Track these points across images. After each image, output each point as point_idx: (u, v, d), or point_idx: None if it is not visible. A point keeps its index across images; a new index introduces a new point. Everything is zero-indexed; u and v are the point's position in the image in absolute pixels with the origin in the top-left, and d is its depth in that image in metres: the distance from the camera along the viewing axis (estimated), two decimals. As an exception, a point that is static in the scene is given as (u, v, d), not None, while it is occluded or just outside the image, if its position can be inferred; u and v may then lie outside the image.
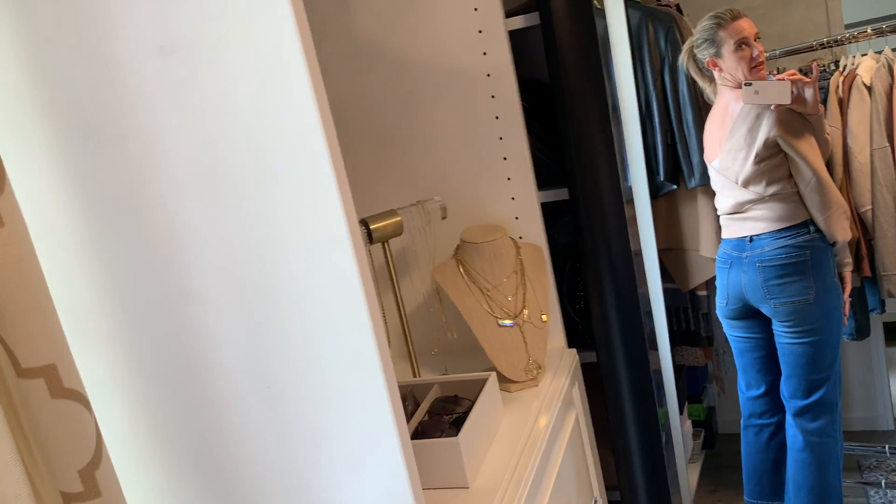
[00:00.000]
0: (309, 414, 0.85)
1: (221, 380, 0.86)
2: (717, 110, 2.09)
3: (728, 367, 2.77)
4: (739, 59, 1.96)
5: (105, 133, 0.81)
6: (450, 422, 1.18)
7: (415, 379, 1.38)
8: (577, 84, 1.55)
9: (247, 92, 0.77)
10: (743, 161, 1.97)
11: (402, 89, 1.59)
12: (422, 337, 1.66)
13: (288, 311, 0.83)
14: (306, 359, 0.84)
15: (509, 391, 1.39)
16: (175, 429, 0.90)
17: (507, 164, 1.56)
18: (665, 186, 2.33)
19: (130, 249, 0.84)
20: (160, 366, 0.88)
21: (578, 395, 1.53)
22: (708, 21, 2.01)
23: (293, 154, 0.77)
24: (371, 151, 1.66)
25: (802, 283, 1.96)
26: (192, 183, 0.81)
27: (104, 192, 0.83)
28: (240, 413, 0.87)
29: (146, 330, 0.87)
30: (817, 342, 2.00)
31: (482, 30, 1.51)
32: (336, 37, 1.61)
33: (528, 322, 1.42)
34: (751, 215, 2.02)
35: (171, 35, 0.77)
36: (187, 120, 0.79)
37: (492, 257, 1.43)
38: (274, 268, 0.81)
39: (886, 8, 2.50)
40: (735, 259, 2.06)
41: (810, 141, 1.94)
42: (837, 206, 1.94)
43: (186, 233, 0.82)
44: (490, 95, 1.53)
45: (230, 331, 0.84)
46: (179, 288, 0.84)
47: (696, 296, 2.53)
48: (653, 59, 2.26)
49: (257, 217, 0.80)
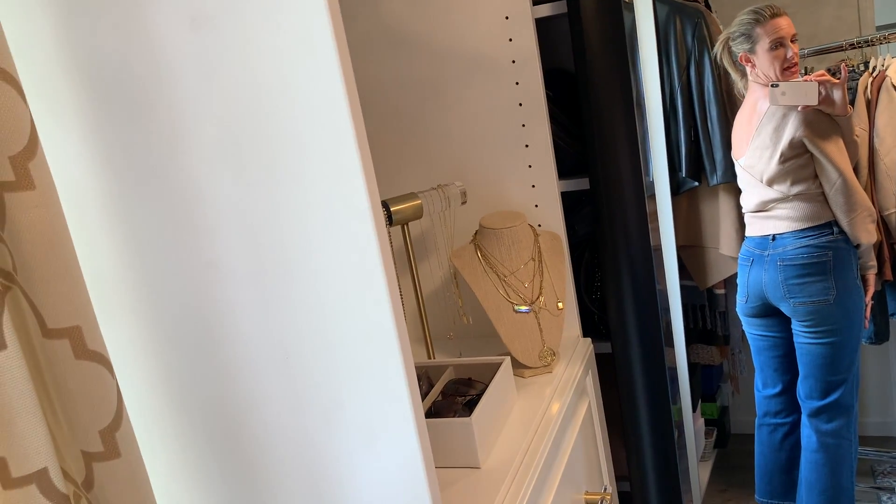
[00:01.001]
0: (326, 386, 0.86)
1: (240, 349, 0.88)
2: (746, 107, 2.07)
3: (743, 367, 2.76)
4: (773, 59, 1.94)
5: (135, 102, 0.83)
6: (463, 403, 1.19)
7: (430, 360, 1.39)
8: (602, 75, 1.55)
9: (274, 66, 0.78)
10: (768, 160, 1.96)
11: (427, 73, 1.60)
12: (438, 321, 1.67)
13: (307, 283, 0.84)
14: (325, 332, 0.85)
15: (523, 376, 1.40)
16: (193, 396, 0.91)
17: (529, 152, 1.56)
18: (687, 183, 2.32)
19: (155, 217, 0.86)
20: (180, 333, 0.89)
21: (592, 384, 1.53)
22: (747, 15, 1.99)
23: (319, 128, 0.78)
24: (394, 134, 1.66)
25: (823, 284, 1.94)
26: (217, 153, 0.82)
27: (132, 160, 0.84)
28: (257, 382, 0.88)
29: (168, 298, 0.88)
30: (836, 343, 1.98)
31: (509, 16, 1.51)
32: (363, 19, 1.62)
33: (544, 309, 1.42)
34: (775, 214, 2.01)
35: (203, 7, 0.78)
36: (215, 91, 0.81)
37: (510, 243, 1.43)
38: (295, 241, 0.82)
39: (920, 9, 2.47)
40: (757, 257, 2.05)
41: (837, 142, 1.92)
42: (863, 209, 1.92)
43: (210, 202, 0.84)
44: (514, 82, 1.53)
45: (250, 301, 0.86)
46: (202, 257, 0.86)
47: (714, 294, 2.52)
48: (679, 55, 2.25)
49: (280, 190, 0.81)
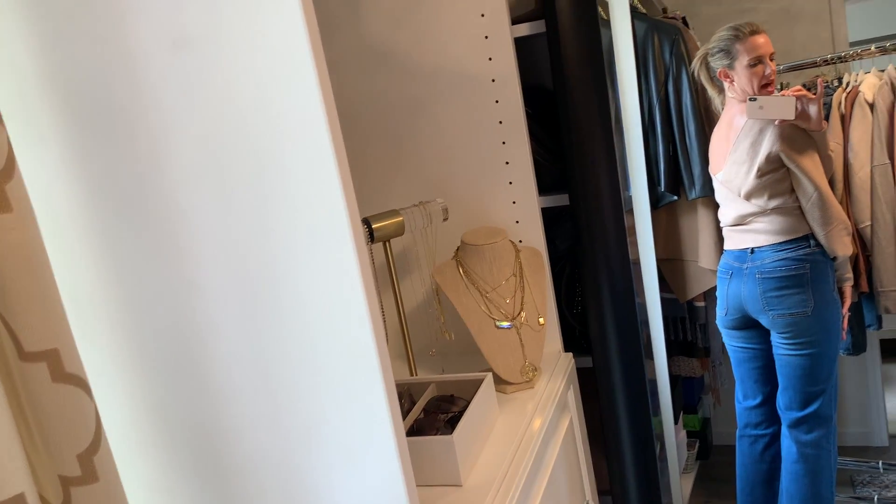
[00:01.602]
0: (306, 406, 0.86)
1: (221, 370, 0.87)
2: (723, 122, 2.10)
3: (724, 379, 2.78)
4: (752, 75, 1.97)
5: (115, 123, 0.83)
6: (445, 420, 1.19)
7: (412, 378, 1.39)
8: (580, 92, 1.56)
9: (255, 87, 0.78)
10: (745, 174, 1.99)
11: (407, 91, 1.61)
12: (420, 337, 1.67)
13: (288, 304, 0.84)
14: (305, 352, 0.85)
15: (505, 392, 1.40)
16: (174, 418, 0.91)
17: (510, 169, 1.57)
18: (666, 197, 2.34)
19: (135, 238, 0.86)
20: (160, 355, 0.89)
21: (573, 398, 1.54)
22: (726, 32, 2.02)
23: (298, 150, 0.79)
24: (376, 152, 1.67)
25: (801, 296, 1.97)
26: (198, 175, 0.82)
27: (111, 181, 0.84)
28: (238, 403, 0.88)
29: (148, 319, 0.88)
30: (814, 354, 2.01)
31: (488, 35, 1.52)
32: (344, 38, 1.63)
33: (525, 324, 1.43)
34: (752, 227, 2.03)
35: (183, 29, 0.78)
36: (196, 113, 0.81)
37: (491, 260, 1.44)
38: (275, 261, 0.83)
39: (890, 27, 2.52)
40: (736, 270, 2.07)
41: (813, 156, 1.95)
42: (838, 222, 1.95)
43: (191, 223, 0.84)
44: (494, 100, 1.55)
45: (231, 322, 0.86)
46: (182, 278, 0.85)
47: (694, 307, 2.54)
48: (657, 71, 2.28)
49: (261, 210, 0.82)
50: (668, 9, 2.70)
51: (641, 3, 2.41)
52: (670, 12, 2.61)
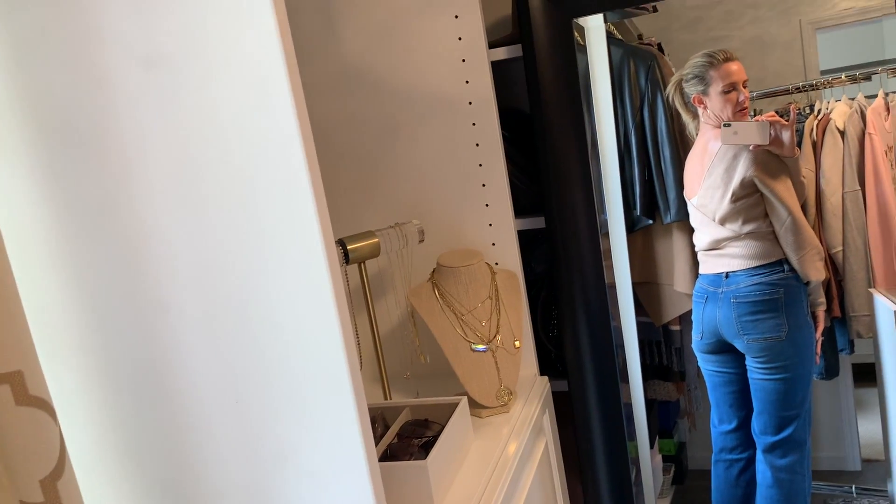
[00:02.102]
0: (277, 430, 0.84)
1: (190, 392, 0.86)
2: (697, 147, 2.13)
3: (700, 403, 2.78)
4: (726, 101, 2.00)
5: (85, 141, 0.81)
6: (419, 445, 1.17)
7: (386, 402, 1.37)
8: (557, 116, 1.57)
9: (228, 106, 0.78)
10: (720, 199, 2.01)
11: (385, 113, 1.61)
12: (395, 360, 1.66)
13: (260, 326, 0.83)
14: (276, 375, 0.83)
15: (480, 416, 1.39)
16: (142, 441, 0.89)
17: (486, 191, 1.57)
18: (641, 221, 2.35)
19: (104, 258, 0.84)
20: (129, 377, 0.87)
21: (549, 423, 1.53)
22: (701, 58, 2.05)
23: (272, 170, 0.78)
24: (352, 173, 1.67)
25: (775, 321, 1.99)
26: (169, 194, 0.81)
27: (80, 200, 0.83)
28: (207, 427, 0.86)
29: (116, 340, 0.86)
30: (789, 379, 2.02)
31: (465, 59, 1.53)
32: (321, 58, 1.63)
33: (501, 348, 1.43)
34: (727, 252, 2.05)
35: (156, 47, 0.78)
36: (168, 132, 0.80)
37: (467, 282, 1.43)
38: (248, 283, 0.81)
39: (860, 56, 2.57)
40: (711, 294, 2.08)
41: (786, 182, 1.98)
42: (811, 247, 1.98)
43: (161, 243, 0.82)
44: (471, 123, 1.55)
45: (201, 343, 0.84)
46: (152, 298, 0.84)
47: (670, 330, 2.54)
48: (633, 96, 2.30)
49: (233, 231, 0.81)
50: (643, 35, 2.73)
51: (617, 28, 2.44)
52: (646, 38, 2.64)
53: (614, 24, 2.36)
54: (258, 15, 0.74)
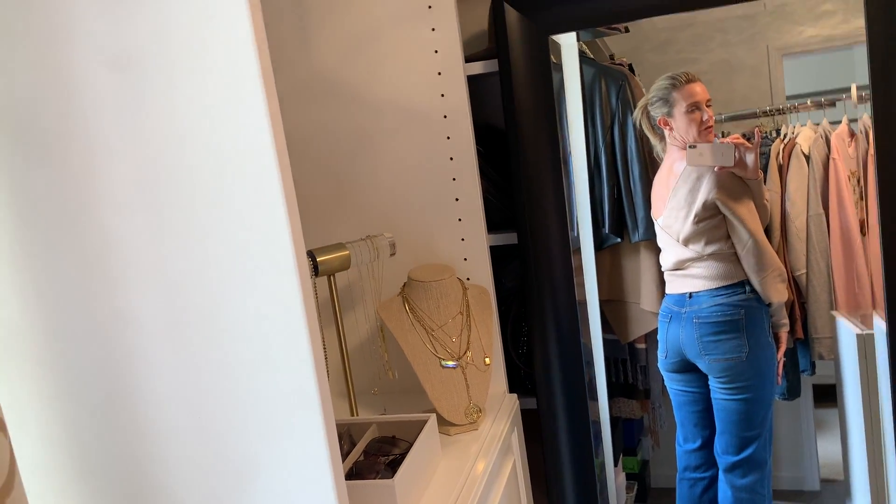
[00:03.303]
0: (240, 447, 0.82)
1: (151, 406, 0.83)
2: (664, 168, 2.15)
3: (664, 422, 2.79)
4: (690, 122, 2.03)
5: (47, 143, 0.78)
6: (386, 463, 1.15)
7: (352, 418, 1.35)
8: (531, 132, 1.57)
9: (200, 112, 0.75)
10: (684, 220, 2.03)
11: (359, 124, 1.59)
12: (362, 375, 1.63)
13: (225, 339, 0.80)
14: (241, 390, 0.81)
15: (448, 434, 1.37)
16: (98, 457, 0.85)
17: (459, 206, 1.56)
18: (610, 239, 2.37)
19: (64, 267, 0.81)
20: (87, 390, 0.84)
21: (517, 441, 1.52)
22: (664, 81, 2.08)
23: (243, 178, 0.76)
24: (324, 184, 1.64)
25: (736, 341, 2.01)
26: (134, 201, 0.78)
27: (40, 205, 0.80)
28: (168, 442, 0.83)
29: (75, 352, 0.83)
30: (750, 399, 2.04)
31: (441, 72, 1.52)
32: (296, 67, 1.61)
33: (471, 364, 1.41)
34: (690, 272, 2.07)
35: (125, 49, 0.75)
36: (135, 137, 0.77)
37: (438, 297, 1.42)
38: (214, 294, 0.79)
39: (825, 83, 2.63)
40: (675, 314, 2.10)
41: (748, 205, 2.02)
42: (773, 269, 2.01)
43: (125, 252, 0.79)
44: (446, 136, 1.54)
45: (163, 357, 0.81)
46: (113, 310, 0.81)
47: (635, 348, 2.55)
48: (604, 115, 2.32)
49: (200, 241, 0.78)
50: (615, 55, 2.76)
51: (589, 48, 2.46)
52: (617, 59, 2.67)
53: (587, 44, 2.38)
54: (233, 20, 0.72)
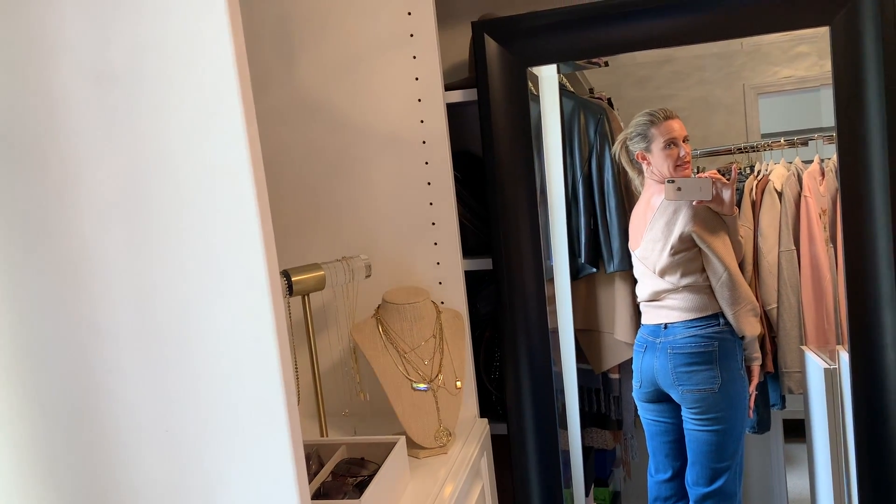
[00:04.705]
0: (206, 464, 0.82)
1: (119, 419, 0.82)
2: (642, 201, 2.18)
3: (636, 453, 2.79)
4: (667, 157, 2.06)
5: (26, 153, 0.79)
6: (354, 484, 1.15)
7: (322, 438, 1.34)
8: (508, 160, 1.60)
9: (179, 129, 0.76)
10: (660, 252, 2.06)
11: (339, 146, 1.61)
12: (334, 396, 1.63)
13: (196, 354, 0.80)
14: (210, 405, 0.81)
15: (418, 457, 1.37)
16: (65, 466, 0.85)
17: (436, 230, 1.57)
18: (585, 269, 2.38)
19: (38, 275, 0.81)
20: (56, 398, 0.83)
21: (486, 466, 1.52)
22: (642, 117, 2.12)
23: (220, 195, 0.77)
24: (301, 204, 1.65)
25: (709, 373, 2.03)
26: (112, 213, 0.79)
27: (16, 214, 0.80)
28: (135, 455, 0.83)
29: (46, 359, 0.83)
30: (721, 431, 2.06)
31: (421, 98, 1.55)
32: (278, 87, 1.62)
33: (442, 388, 1.41)
34: (666, 304, 2.10)
35: (109, 63, 0.76)
36: (115, 150, 0.78)
37: (412, 320, 1.42)
38: (187, 309, 0.79)
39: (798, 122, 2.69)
40: (650, 344, 2.12)
41: (724, 239, 2.05)
42: (746, 303, 2.04)
43: (100, 264, 0.80)
44: (424, 161, 1.56)
45: (133, 369, 0.81)
46: (85, 320, 0.81)
47: (609, 378, 2.56)
48: (581, 147, 2.35)
49: (176, 255, 0.79)
50: (594, 89, 2.80)
51: (570, 81, 2.50)
52: (596, 93, 2.71)
53: (567, 77, 2.42)
54: (216, 39, 0.73)
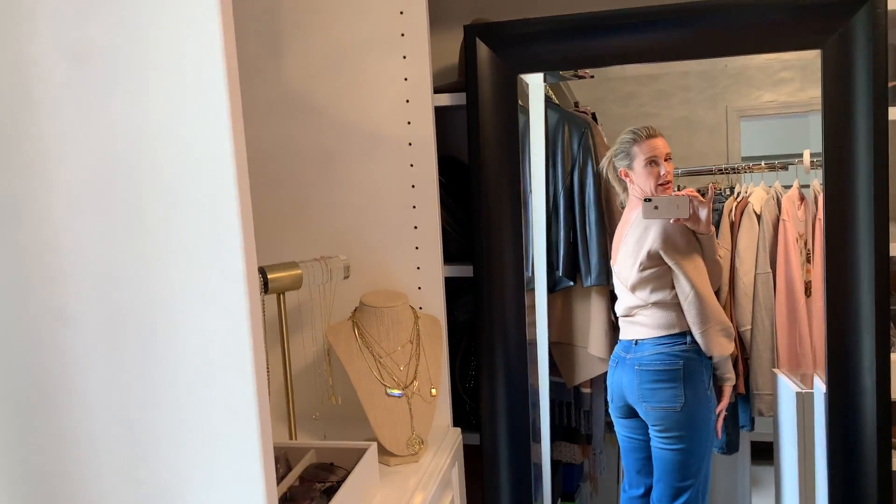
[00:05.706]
0: (171, 462, 0.78)
1: (81, 413, 0.79)
2: (623, 217, 2.18)
3: (604, 468, 2.79)
4: (648, 175, 2.07)
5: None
6: (321, 490, 1.12)
7: (291, 441, 1.31)
8: (493, 167, 1.58)
9: (160, 113, 0.73)
10: (631, 267, 2.06)
11: (322, 144, 1.58)
12: (304, 398, 1.59)
13: (166, 348, 0.77)
14: (177, 403, 0.78)
15: (388, 465, 1.35)
16: (19, 463, 0.81)
17: (418, 234, 1.55)
18: (562, 282, 2.38)
19: (3, 259, 0.77)
20: (14, 391, 0.80)
21: (457, 476, 1.49)
22: (627, 135, 2.14)
23: (199, 184, 0.74)
24: (280, 201, 1.62)
25: (673, 391, 2.03)
26: (85, 197, 0.75)
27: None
28: (95, 452, 0.79)
29: (5, 347, 0.79)
30: (684, 450, 2.06)
31: (410, 100, 1.53)
32: (265, 82, 1.59)
33: (416, 394, 1.39)
34: (637, 320, 2.10)
35: (89, 42, 0.73)
36: (91, 133, 0.75)
37: (389, 324, 1.40)
38: (157, 298, 0.76)
39: (779, 147, 2.72)
40: (621, 359, 2.11)
41: (693, 257, 2.06)
42: (714, 322, 2.05)
43: (69, 249, 0.76)
44: (409, 164, 1.54)
45: (99, 361, 0.78)
46: (51, 307, 0.77)
47: (581, 393, 2.55)
48: (564, 160, 2.35)
49: (150, 244, 0.76)
50: (579, 103, 2.81)
51: (555, 94, 2.50)
52: (581, 106, 2.71)
53: (553, 88, 2.42)
54: (203, 19, 0.70)
